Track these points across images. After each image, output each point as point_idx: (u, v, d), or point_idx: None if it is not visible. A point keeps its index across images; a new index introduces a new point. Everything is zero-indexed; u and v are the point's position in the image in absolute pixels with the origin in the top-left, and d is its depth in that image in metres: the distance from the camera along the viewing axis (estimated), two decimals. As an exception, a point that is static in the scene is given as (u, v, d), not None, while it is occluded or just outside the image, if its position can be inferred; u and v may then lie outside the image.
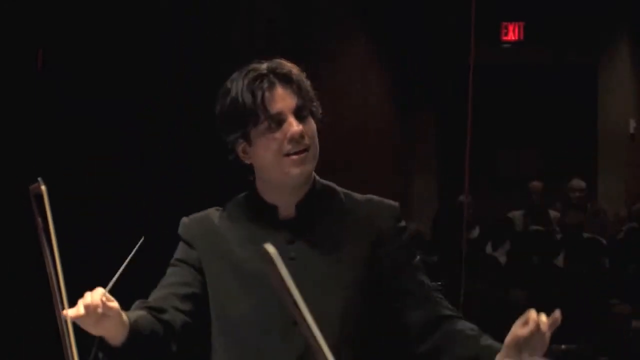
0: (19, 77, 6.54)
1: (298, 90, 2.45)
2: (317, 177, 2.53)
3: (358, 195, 2.55)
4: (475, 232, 9.64)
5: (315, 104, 2.50)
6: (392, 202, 2.55)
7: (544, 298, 7.81)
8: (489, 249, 9.04)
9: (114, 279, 2.29)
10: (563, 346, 7.14)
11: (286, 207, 2.49)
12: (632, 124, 12.13)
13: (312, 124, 2.47)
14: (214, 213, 2.58)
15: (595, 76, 12.48)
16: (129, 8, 7.12)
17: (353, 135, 10.22)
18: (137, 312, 2.38)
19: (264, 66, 2.48)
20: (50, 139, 6.74)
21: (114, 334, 2.29)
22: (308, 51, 9.52)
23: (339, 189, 2.56)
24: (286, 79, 2.45)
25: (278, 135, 2.42)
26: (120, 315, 2.27)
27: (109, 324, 2.25)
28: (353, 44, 10.72)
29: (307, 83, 2.49)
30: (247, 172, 2.54)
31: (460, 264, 5.36)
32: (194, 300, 2.48)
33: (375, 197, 2.54)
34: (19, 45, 6.53)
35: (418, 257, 2.53)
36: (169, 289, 2.50)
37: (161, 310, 2.42)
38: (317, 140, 2.47)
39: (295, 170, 2.43)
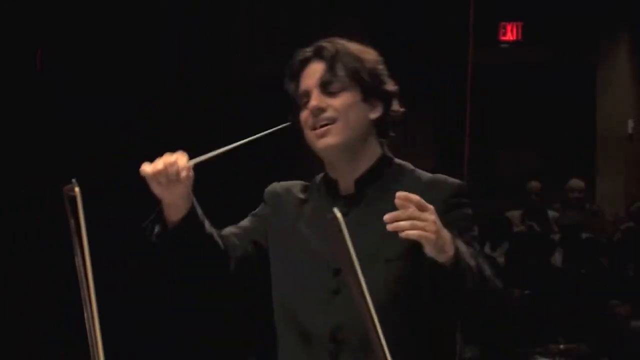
0: (19, 77, 6.55)
1: (330, 64, 2.49)
2: (389, 155, 2.57)
3: (426, 175, 2.55)
4: (474, 232, 9.62)
5: (367, 78, 2.50)
6: (455, 180, 2.54)
7: (543, 298, 7.83)
8: (487, 249, 9.04)
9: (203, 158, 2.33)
10: (562, 346, 7.15)
11: (346, 182, 2.53)
12: (631, 124, 12.13)
13: (344, 98, 2.48)
14: (297, 186, 2.64)
15: (594, 76, 12.47)
16: (128, 8, 7.12)
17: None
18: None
19: (315, 45, 2.54)
20: (50, 139, 6.74)
21: (179, 203, 2.37)
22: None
23: (409, 167, 2.57)
24: (320, 55, 2.51)
25: (305, 110, 2.50)
26: (190, 188, 2.36)
27: (178, 190, 2.34)
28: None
29: (356, 57, 2.51)
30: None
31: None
32: (258, 246, 2.56)
33: (440, 176, 2.54)
34: (19, 45, 6.53)
35: (472, 234, 2.50)
36: (239, 229, 2.59)
37: (226, 237, 2.52)
38: (352, 114, 2.48)
39: (319, 144, 2.49)
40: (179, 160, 2.35)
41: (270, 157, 7.85)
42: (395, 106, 2.59)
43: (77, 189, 2.08)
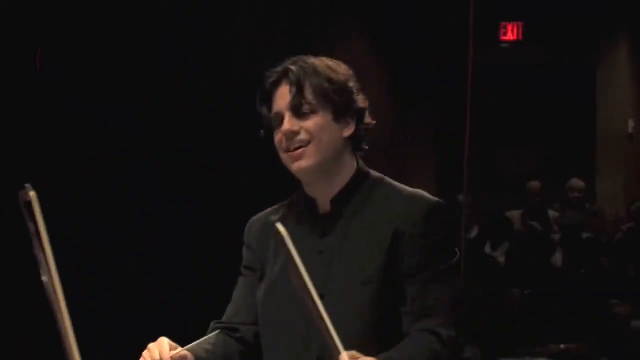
0: (19, 77, 6.55)
1: (297, 86, 2.47)
2: (365, 169, 2.55)
3: (405, 190, 2.53)
4: (474, 232, 9.64)
5: (337, 98, 2.48)
6: (433, 198, 2.50)
7: (543, 298, 7.83)
8: (487, 249, 9.05)
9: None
10: (562, 346, 7.16)
11: (323, 201, 2.53)
12: (631, 124, 12.14)
13: (315, 120, 2.47)
14: (273, 213, 2.64)
15: (594, 76, 12.48)
16: (128, 7, 7.13)
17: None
18: (207, 343, 2.50)
19: (283, 66, 2.53)
20: (50, 139, 6.74)
21: None
22: (306, 51, 9.53)
23: (387, 181, 2.55)
24: (288, 77, 2.50)
25: (279, 133, 2.50)
26: None
27: None
28: (352, 44, 10.72)
29: (324, 77, 2.49)
30: None
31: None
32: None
33: (418, 194, 2.50)
34: (19, 45, 6.54)
35: (446, 263, 2.43)
36: (239, 302, 2.61)
37: (233, 330, 2.55)
38: (324, 135, 2.47)
39: (293, 166, 2.49)
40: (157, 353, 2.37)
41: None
42: (367, 119, 2.56)
43: (32, 193, 2.06)
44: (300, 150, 2.47)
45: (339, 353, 2.06)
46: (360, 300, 2.39)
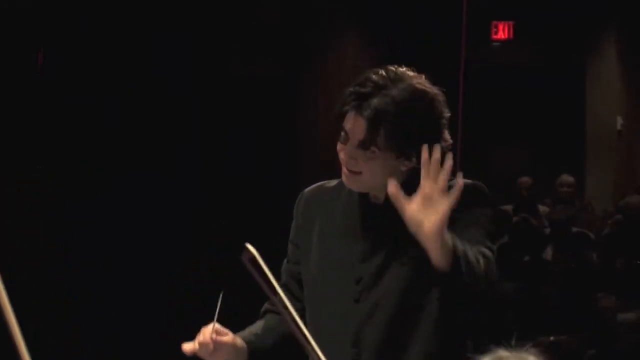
0: (20, 74, 6.60)
1: (372, 129, 2.44)
2: (418, 166, 2.47)
3: (458, 182, 2.46)
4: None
5: (405, 142, 2.42)
6: (470, 182, 2.52)
7: (532, 291, 7.90)
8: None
9: (216, 313, 2.52)
10: (552, 338, 7.23)
11: (377, 191, 2.55)
12: (619, 120, 12.15)
13: (377, 162, 2.46)
14: (326, 188, 2.68)
15: (583, 74, 12.53)
16: (128, 7, 7.18)
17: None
18: (257, 328, 2.64)
19: (370, 84, 2.47)
20: (50, 136, 6.79)
21: (234, 357, 2.54)
22: (302, 50, 9.61)
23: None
24: (367, 111, 2.44)
25: (342, 147, 2.52)
26: (235, 345, 2.53)
27: (223, 355, 2.52)
28: (346, 43, 10.79)
29: (400, 119, 2.42)
30: None
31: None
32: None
33: (461, 181, 2.45)
34: (20, 42, 6.58)
35: (484, 237, 2.48)
36: (286, 274, 2.69)
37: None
38: (381, 171, 2.46)
39: (344, 180, 2.55)
40: (205, 336, 2.52)
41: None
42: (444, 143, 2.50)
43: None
44: (354, 176, 2.51)
45: None
46: (399, 283, 2.49)
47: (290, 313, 2.20)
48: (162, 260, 6.54)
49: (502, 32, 12.53)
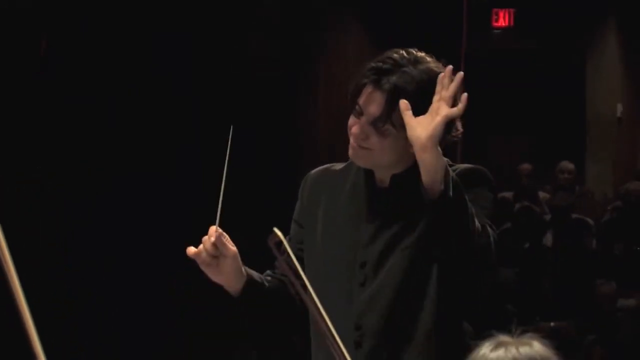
0: (20, 73, 6.59)
1: (389, 105, 2.42)
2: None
3: (460, 167, 2.53)
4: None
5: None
6: (471, 165, 2.57)
7: (533, 277, 7.93)
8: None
9: (219, 210, 2.46)
10: (552, 323, 7.26)
11: (382, 175, 2.54)
12: (619, 108, 12.17)
13: (389, 141, 2.44)
14: (333, 170, 2.66)
15: (584, 62, 12.55)
16: (128, 7, 7.18)
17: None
18: (262, 274, 2.60)
19: (390, 61, 2.46)
20: (51, 133, 6.79)
21: (233, 279, 2.50)
22: (303, 46, 9.60)
23: (447, 162, 2.43)
24: (387, 85, 2.43)
25: (354, 122, 2.49)
26: (237, 260, 2.48)
27: (226, 266, 2.47)
28: (348, 37, 10.78)
29: (419, 98, 2.39)
30: None
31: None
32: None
33: (463, 166, 2.53)
34: (20, 42, 6.58)
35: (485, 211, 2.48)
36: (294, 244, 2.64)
37: (281, 280, 2.61)
38: (391, 150, 2.45)
39: (350, 154, 2.53)
40: (209, 234, 2.49)
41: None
42: (455, 131, 2.52)
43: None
44: (363, 150, 2.48)
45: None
46: (401, 265, 2.48)
47: (312, 298, 2.17)
48: (162, 260, 6.54)
49: (502, 19, 12.52)
